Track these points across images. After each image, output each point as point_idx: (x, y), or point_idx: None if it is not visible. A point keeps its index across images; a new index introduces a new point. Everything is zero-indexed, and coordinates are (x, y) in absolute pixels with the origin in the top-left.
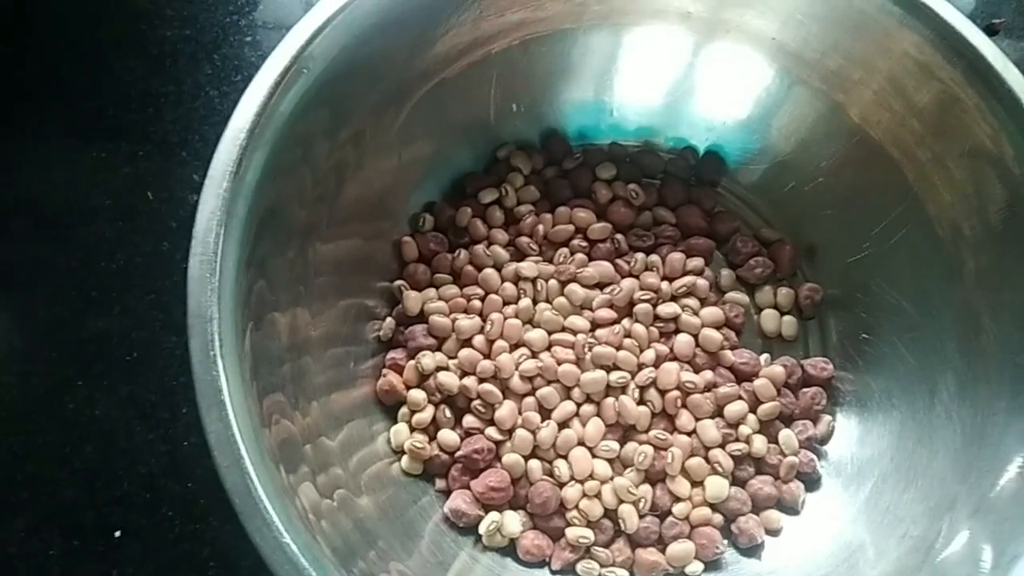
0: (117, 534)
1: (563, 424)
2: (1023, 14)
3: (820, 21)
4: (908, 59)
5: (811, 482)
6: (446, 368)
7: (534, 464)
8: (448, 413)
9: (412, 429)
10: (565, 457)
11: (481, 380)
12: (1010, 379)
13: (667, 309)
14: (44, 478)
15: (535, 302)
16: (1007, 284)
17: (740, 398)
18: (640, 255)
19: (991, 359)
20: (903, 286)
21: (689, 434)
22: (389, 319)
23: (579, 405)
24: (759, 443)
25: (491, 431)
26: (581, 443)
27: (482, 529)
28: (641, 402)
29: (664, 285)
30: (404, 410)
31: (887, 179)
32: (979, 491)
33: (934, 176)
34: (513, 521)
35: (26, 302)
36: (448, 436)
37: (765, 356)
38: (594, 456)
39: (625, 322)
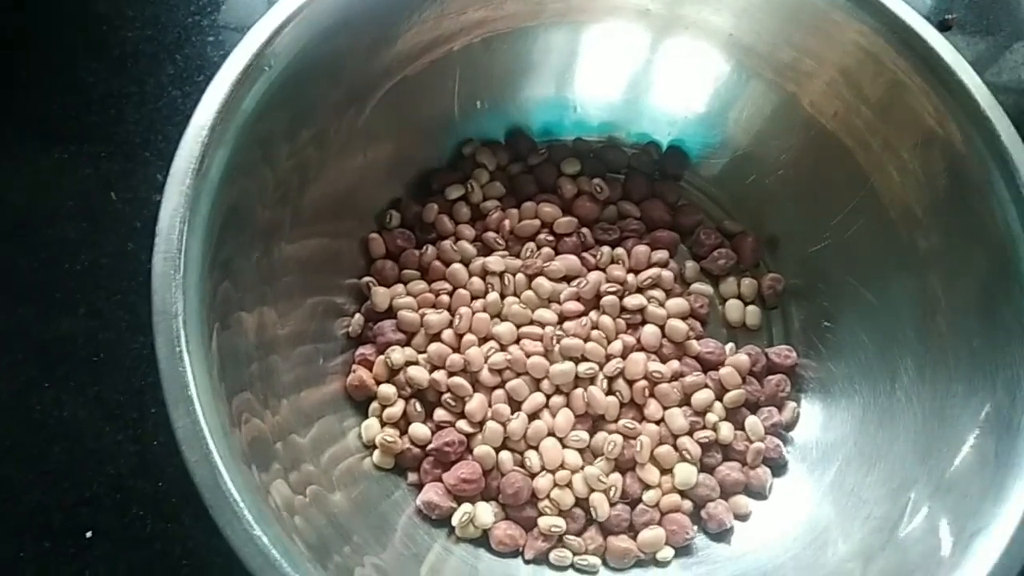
0: (88, 535)
1: (533, 415)
2: (974, 10)
3: (773, 15)
4: (858, 50)
5: (778, 467)
6: (415, 362)
7: (505, 455)
8: (419, 407)
9: (383, 424)
10: (536, 448)
11: (451, 374)
12: (966, 362)
13: (633, 301)
14: (12, 481)
15: (503, 296)
16: (958, 266)
17: (706, 387)
18: (606, 248)
19: (948, 343)
20: (862, 274)
21: (657, 423)
22: (358, 315)
23: (548, 396)
24: (726, 430)
25: (462, 424)
26: (551, 434)
27: (455, 521)
28: (610, 392)
29: (630, 277)
30: (375, 405)
31: (843, 168)
32: (939, 471)
33: (886, 163)
34: (485, 512)
35: None
36: (419, 430)
37: (730, 345)
38: (564, 446)
39: (592, 314)
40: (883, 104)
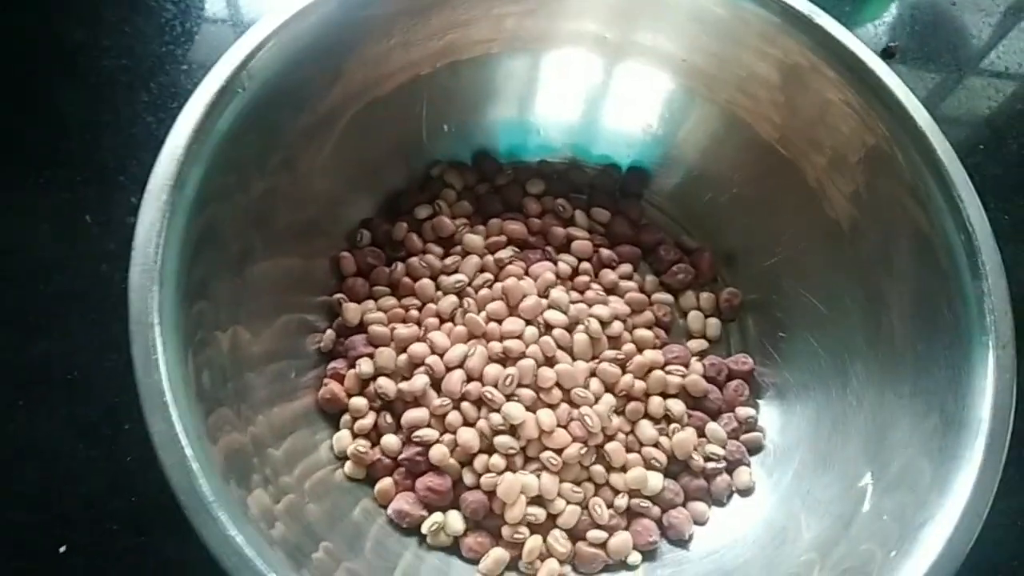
0: (62, 550)
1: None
2: (916, 40)
3: (722, 40)
4: (803, 73)
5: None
6: (386, 374)
7: (468, 471)
8: (388, 419)
9: (355, 435)
10: None
11: None
12: (911, 365)
13: (599, 311)
14: None
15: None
16: (902, 274)
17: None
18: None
19: (894, 347)
20: (813, 285)
21: (627, 433)
22: (329, 331)
23: None
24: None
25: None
26: None
27: (424, 529)
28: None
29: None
30: (346, 417)
31: (792, 185)
32: (888, 467)
33: (832, 178)
34: (456, 520)
35: None
36: (390, 441)
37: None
38: None
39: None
40: (827, 123)
